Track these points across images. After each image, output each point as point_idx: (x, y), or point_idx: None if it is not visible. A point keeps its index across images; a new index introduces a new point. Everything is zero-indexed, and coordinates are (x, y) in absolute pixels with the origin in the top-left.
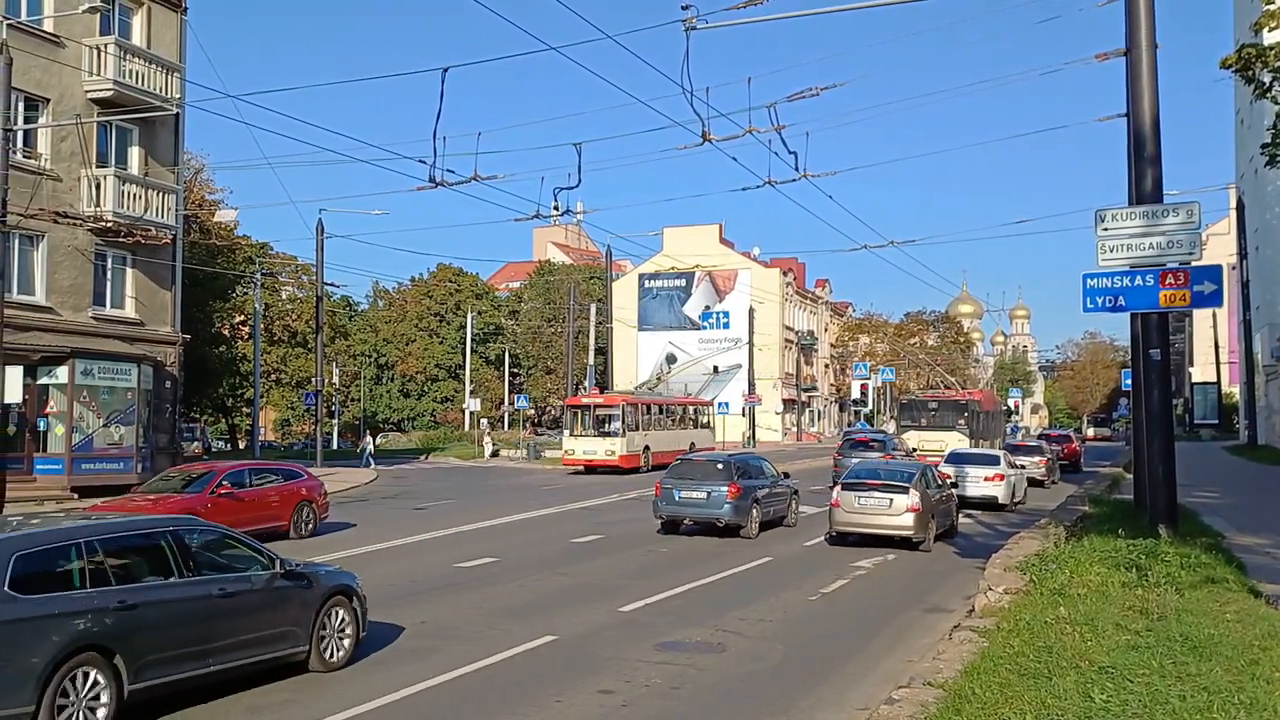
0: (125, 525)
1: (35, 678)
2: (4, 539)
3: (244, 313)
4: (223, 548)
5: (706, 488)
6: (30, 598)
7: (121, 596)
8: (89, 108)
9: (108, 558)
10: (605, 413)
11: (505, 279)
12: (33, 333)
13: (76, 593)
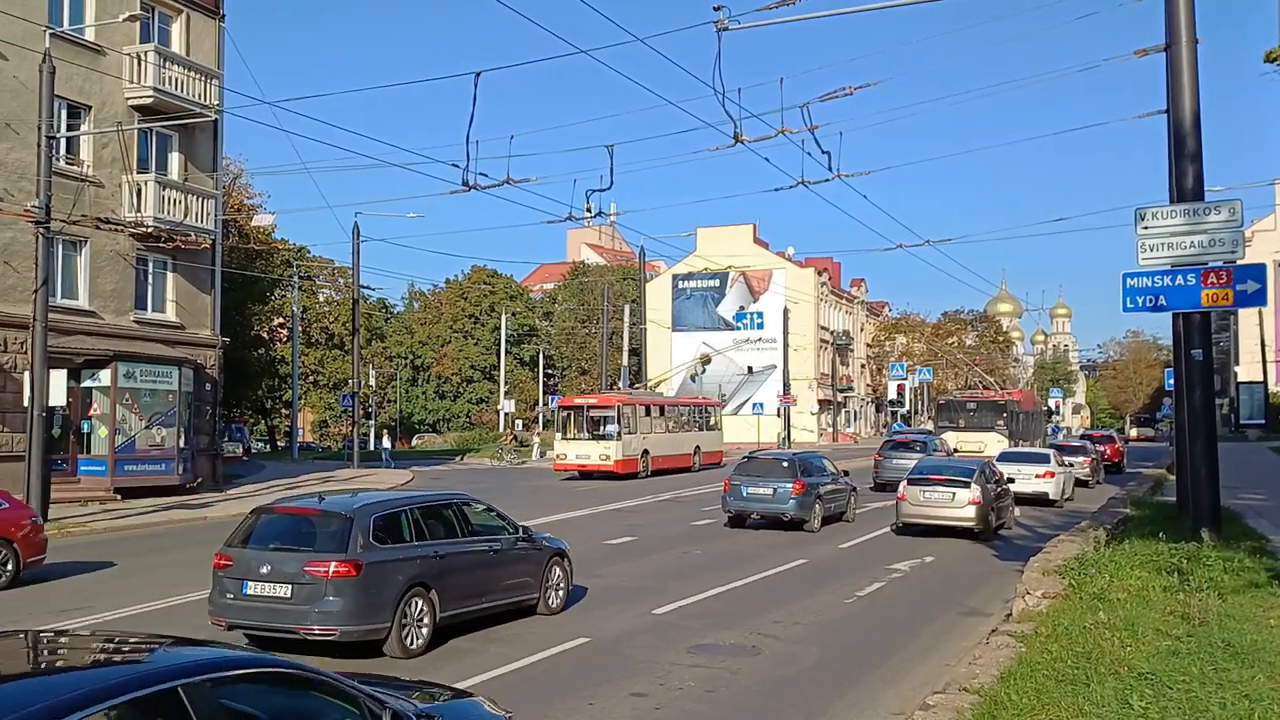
0: (432, 497)
1: (391, 603)
2: (363, 505)
3: (282, 315)
4: (485, 516)
5: (773, 484)
6: (384, 547)
7: (435, 549)
8: (130, 114)
9: (424, 520)
10: (599, 414)
11: (539, 280)
12: (76, 336)
13: (409, 545)
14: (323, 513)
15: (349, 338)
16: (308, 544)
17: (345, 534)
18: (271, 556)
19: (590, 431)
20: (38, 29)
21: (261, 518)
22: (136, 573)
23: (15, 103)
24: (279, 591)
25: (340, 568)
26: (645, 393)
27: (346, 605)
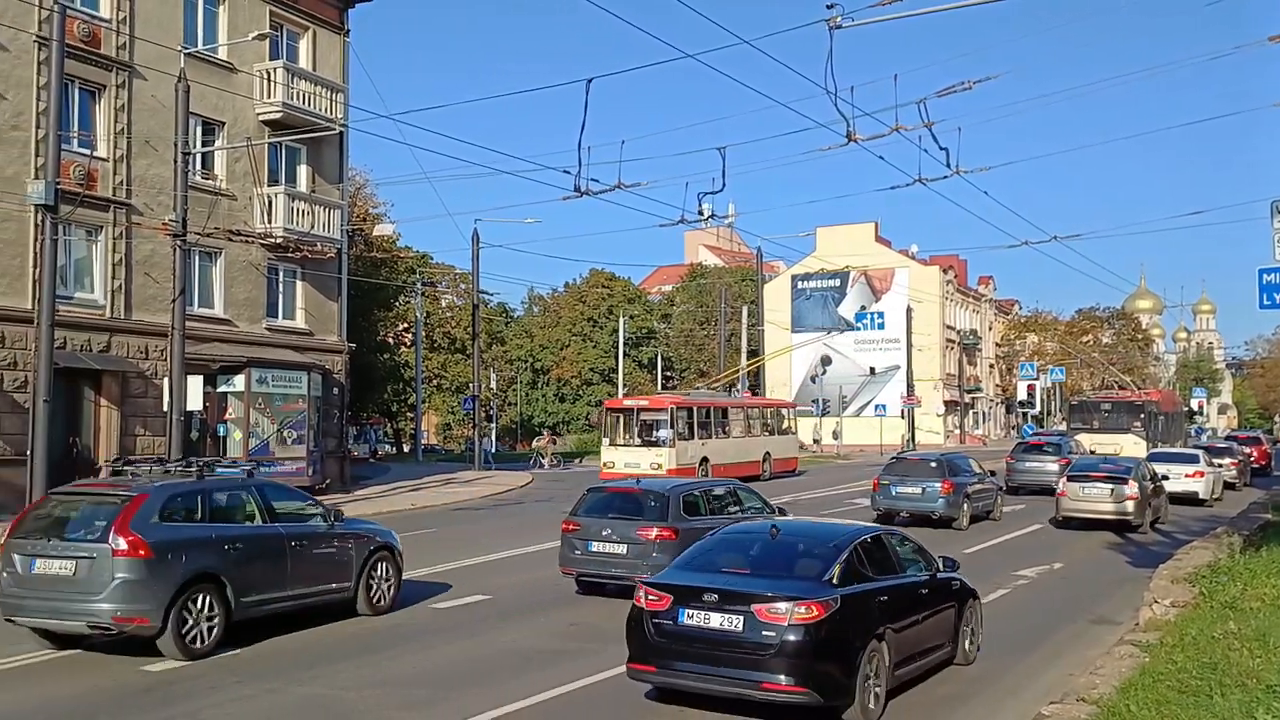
0: (716, 483)
1: None
2: (674, 486)
3: (406, 321)
4: (751, 498)
5: (922, 483)
6: (691, 518)
7: (721, 522)
8: (260, 129)
9: (713, 500)
10: (651, 417)
11: (657, 282)
12: (212, 344)
13: (705, 517)
14: (644, 491)
15: (470, 342)
16: (636, 514)
17: (665, 507)
18: (610, 523)
19: (642, 437)
20: (173, 51)
21: (594, 495)
22: None
23: (154, 121)
24: (617, 549)
25: (663, 532)
26: (705, 393)
27: (668, 560)
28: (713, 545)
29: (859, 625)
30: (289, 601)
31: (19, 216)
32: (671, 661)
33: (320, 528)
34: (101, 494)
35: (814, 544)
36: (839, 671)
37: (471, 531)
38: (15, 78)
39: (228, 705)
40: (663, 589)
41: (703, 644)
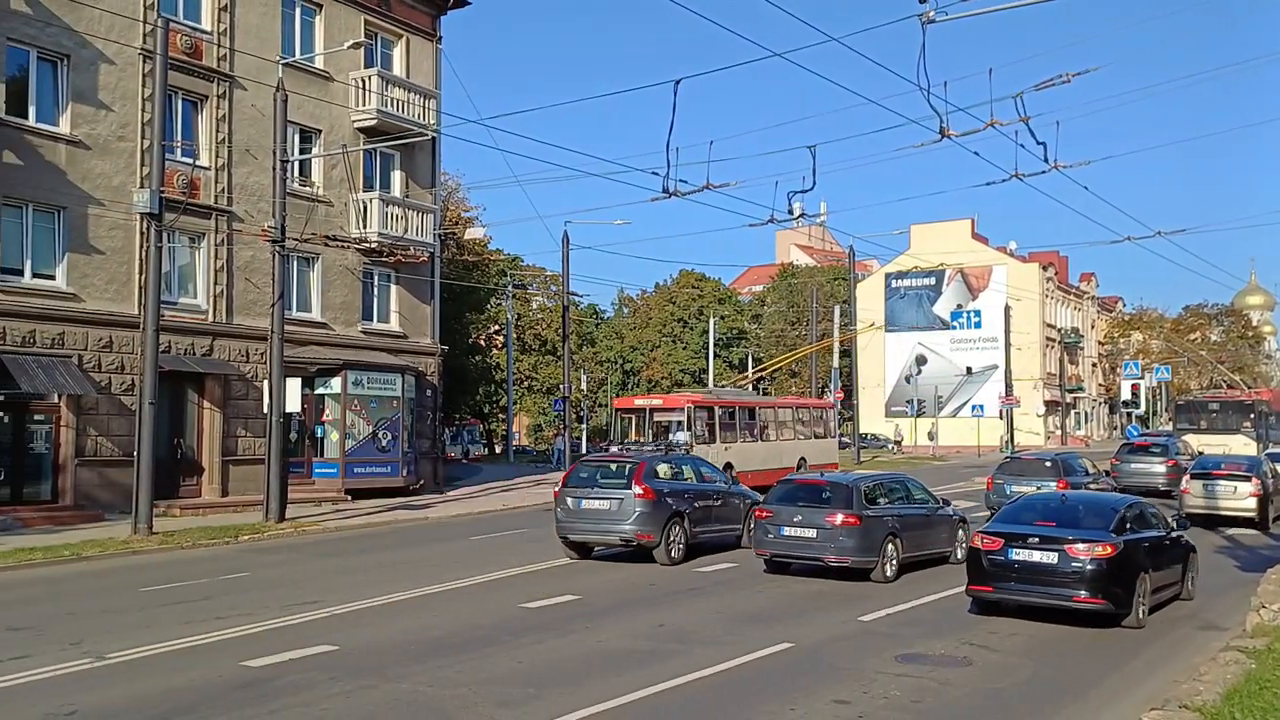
0: (892, 477)
1: (879, 545)
2: (857, 479)
3: (497, 323)
4: (921, 491)
5: (1037, 482)
6: (872, 507)
7: (897, 511)
8: (355, 136)
9: (890, 491)
10: (665, 419)
11: (748, 283)
12: (310, 347)
13: (884, 507)
14: (830, 483)
15: (561, 343)
16: (824, 503)
17: (850, 497)
18: (800, 511)
19: (656, 440)
20: (272, 62)
21: (784, 486)
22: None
23: (254, 130)
24: (807, 534)
25: (849, 519)
26: (731, 392)
27: (852, 544)
28: (1019, 508)
29: (1133, 562)
30: (713, 534)
31: (126, 225)
32: (1004, 584)
33: (725, 489)
34: (620, 461)
35: (1095, 507)
36: (1123, 591)
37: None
38: (121, 90)
39: (323, 702)
40: (996, 535)
41: (1027, 572)
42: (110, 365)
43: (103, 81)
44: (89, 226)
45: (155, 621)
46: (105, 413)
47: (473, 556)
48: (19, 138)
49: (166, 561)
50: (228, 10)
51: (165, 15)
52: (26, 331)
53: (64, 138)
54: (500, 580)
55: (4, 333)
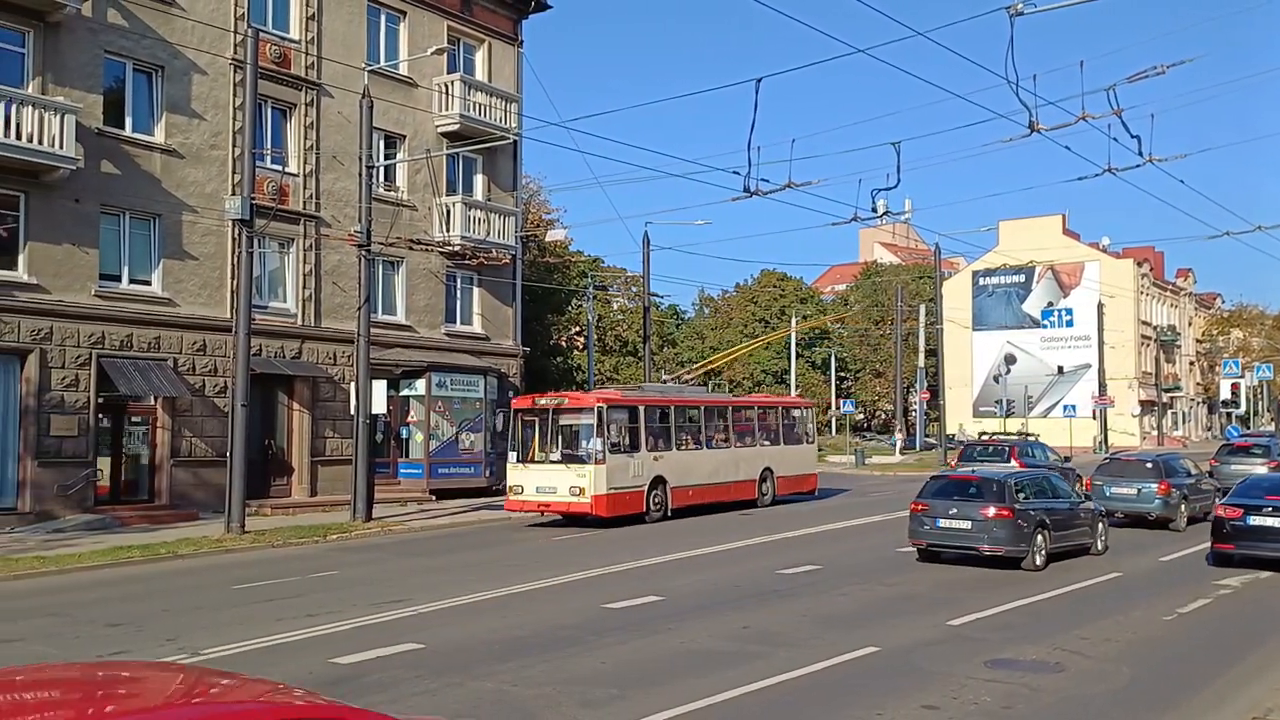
0: (1033, 473)
1: (1029, 536)
2: (1007, 475)
3: (578, 324)
4: (1065, 486)
5: (1137, 484)
6: (1023, 500)
7: (1045, 505)
8: (438, 141)
9: (1037, 486)
10: (573, 421)
11: (830, 282)
12: (395, 349)
13: (1033, 501)
14: (983, 479)
15: (642, 344)
16: (978, 497)
17: (1003, 491)
18: (956, 504)
19: (563, 449)
20: (358, 70)
21: (938, 481)
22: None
23: (340, 136)
24: (962, 525)
25: (1002, 511)
26: (666, 388)
27: (1005, 535)
28: (1248, 485)
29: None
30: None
31: (218, 231)
32: (1244, 543)
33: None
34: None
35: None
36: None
37: (639, 532)
38: (213, 99)
39: (409, 699)
40: (1237, 506)
41: (1266, 533)
42: (204, 368)
43: (195, 91)
44: (183, 233)
45: (248, 618)
46: (199, 414)
47: (554, 557)
48: (116, 148)
49: (257, 560)
50: (315, 19)
51: (255, 25)
52: (124, 335)
53: (159, 147)
54: (582, 580)
55: (104, 337)
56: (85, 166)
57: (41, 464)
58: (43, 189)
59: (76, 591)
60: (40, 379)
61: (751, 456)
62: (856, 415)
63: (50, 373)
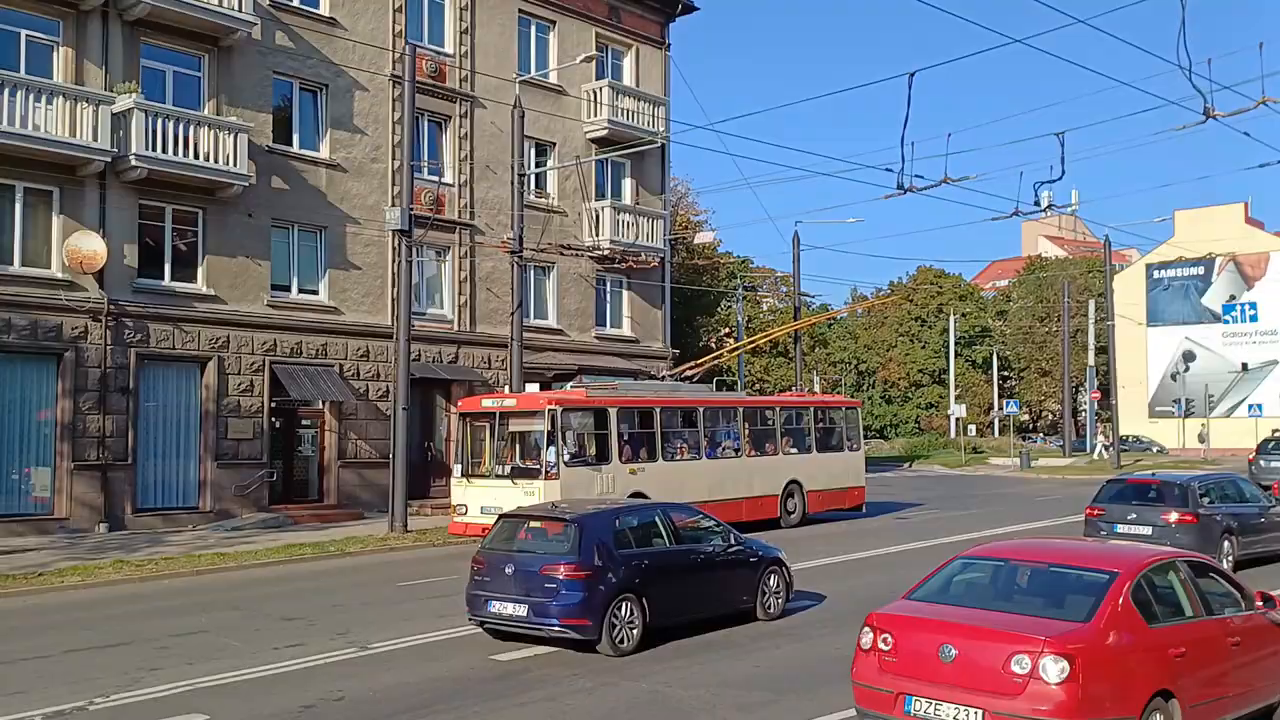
0: (1216, 476)
1: (1215, 542)
2: (1190, 477)
3: (728, 325)
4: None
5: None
6: (1207, 505)
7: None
8: (587, 147)
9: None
10: (524, 428)
11: (991, 278)
12: (546, 353)
13: (1216, 505)
14: (1163, 483)
15: (793, 345)
16: (1158, 501)
17: (1185, 496)
18: (1134, 509)
19: (517, 460)
20: (509, 81)
21: (1114, 485)
22: None
23: (493, 146)
24: (1142, 530)
25: (1185, 517)
26: (650, 387)
27: (1189, 541)
28: None
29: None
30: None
31: (379, 241)
32: None
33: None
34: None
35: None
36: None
37: (794, 536)
38: (373, 115)
39: (567, 698)
40: None
41: None
42: (367, 373)
43: (357, 108)
44: (347, 244)
45: (412, 614)
46: (363, 418)
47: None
48: (285, 164)
49: (419, 558)
50: (469, 33)
51: (412, 42)
52: (294, 343)
53: (324, 162)
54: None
55: (275, 344)
56: (256, 182)
57: (220, 465)
58: (218, 205)
59: (254, 586)
60: (218, 385)
61: (771, 467)
62: (1021, 416)
63: (228, 379)
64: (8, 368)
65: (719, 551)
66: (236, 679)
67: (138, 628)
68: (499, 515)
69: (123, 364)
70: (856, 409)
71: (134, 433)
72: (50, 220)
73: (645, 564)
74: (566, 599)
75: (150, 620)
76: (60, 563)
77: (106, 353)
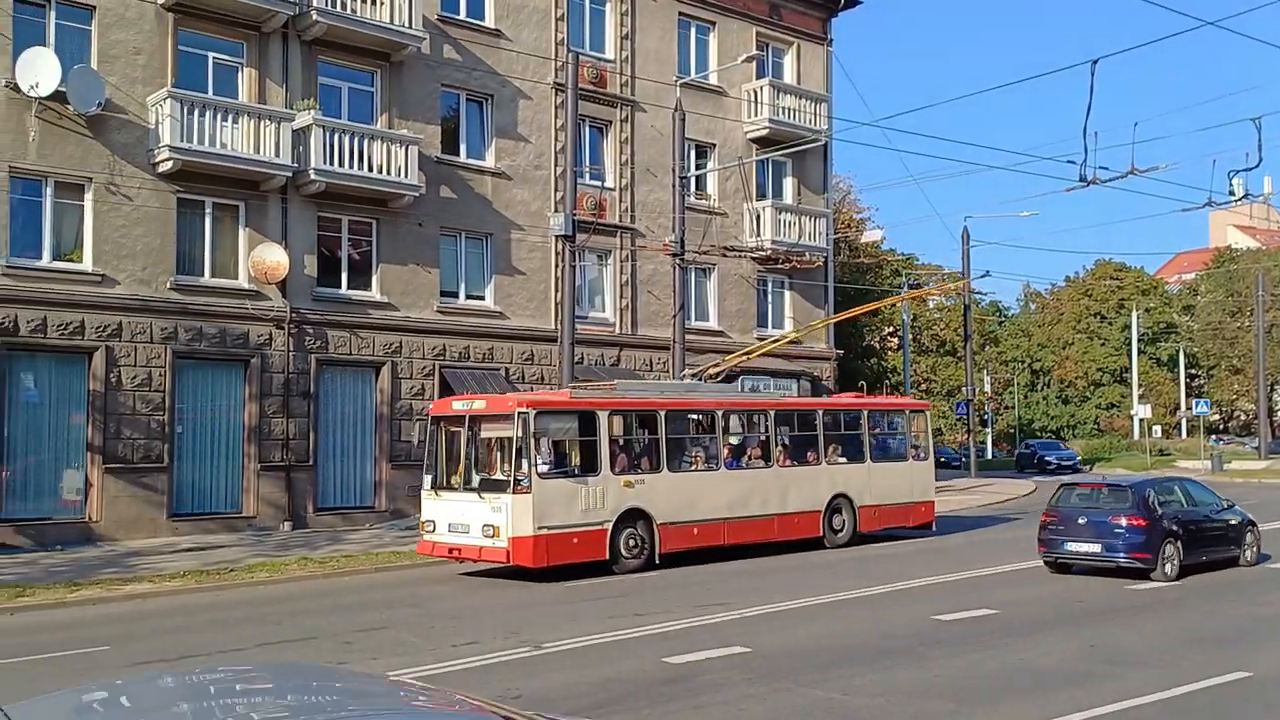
0: None
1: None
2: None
3: (892, 325)
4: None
5: None
6: None
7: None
8: (748, 147)
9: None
10: (495, 434)
11: (1175, 270)
12: (707, 354)
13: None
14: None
15: (961, 344)
16: None
17: None
18: None
19: (484, 470)
20: (669, 85)
21: None
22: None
23: (653, 149)
24: None
25: None
26: (656, 386)
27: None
28: None
29: None
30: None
31: (543, 247)
32: None
33: None
34: None
35: None
36: None
37: (966, 542)
38: (536, 123)
39: (741, 702)
40: None
41: None
42: (532, 376)
43: (521, 116)
44: (511, 250)
45: (580, 615)
46: None
47: (875, 566)
48: (452, 173)
49: None
50: (629, 38)
51: (574, 49)
52: (462, 347)
53: (489, 170)
54: (908, 590)
55: (444, 349)
56: (426, 192)
57: (394, 466)
58: (390, 215)
59: (427, 585)
60: (391, 389)
61: (812, 479)
62: (1210, 416)
63: (400, 383)
64: (200, 374)
65: (1217, 513)
66: (417, 675)
67: (323, 623)
68: (1060, 484)
69: (304, 369)
70: (924, 412)
71: (314, 435)
72: (237, 233)
73: (1176, 518)
74: (1131, 540)
75: (334, 616)
76: (249, 559)
77: (289, 359)
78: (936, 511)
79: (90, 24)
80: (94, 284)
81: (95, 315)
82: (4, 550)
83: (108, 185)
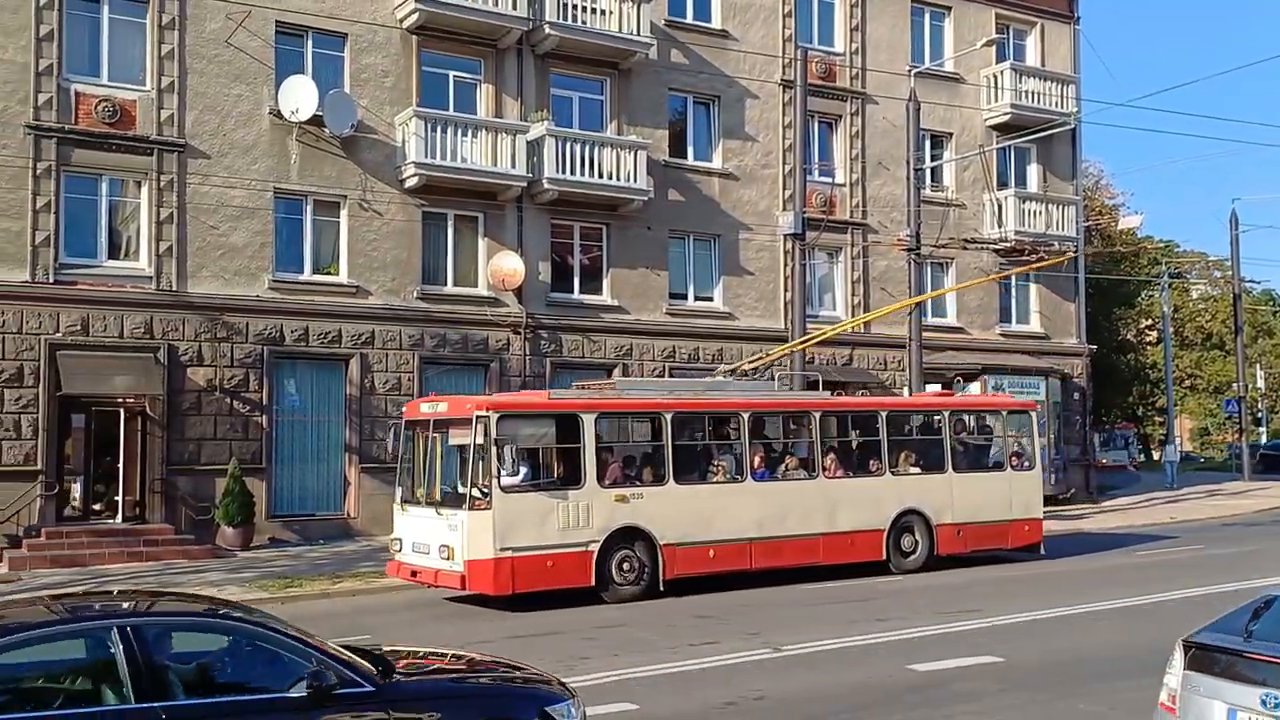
0: None
1: None
2: None
3: (1151, 317)
4: None
5: None
6: None
7: None
8: (988, 135)
9: None
10: (460, 441)
11: None
12: (945, 352)
13: None
14: None
15: (1230, 336)
16: None
17: None
18: None
19: (445, 485)
20: (901, 75)
21: None
22: None
23: (885, 142)
24: None
25: None
26: (663, 384)
27: None
28: None
29: None
30: None
31: (771, 246)
32: None
33: None
34: None
35: None
36: None
37: (1247, 549)
38: (764, 121)
39: (996, 713)
40: None
41: None
42: (762, 378)
43: (747, 116)
44: (739, 250)
45: (820, 618)
46: None
47: (1137, 574)
48: (680, 176)
49: None
50: (859, 29)
51: (803, 45)
52: (691, 349)
53: (716, 172)
54: (1178, 600)
55: (674, 351)
56: (654, 196)
57: None
58: (620, 220)
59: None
60: None
61: (871, 492)
62: None
63: None
64: (444, 378)
65: None
66: (658, 672)
67: (566, 619)
68: None
69: (539, 373)
70: (1029, 413)
71: None
72: (476, 243)
73: None
74: None
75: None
76: None
77: (525, 362)
78: (1209, 515)
79: (343, 50)
80: (349, 295)
81: (351, 324)
82: (274, 544)
83: (360, 202)
